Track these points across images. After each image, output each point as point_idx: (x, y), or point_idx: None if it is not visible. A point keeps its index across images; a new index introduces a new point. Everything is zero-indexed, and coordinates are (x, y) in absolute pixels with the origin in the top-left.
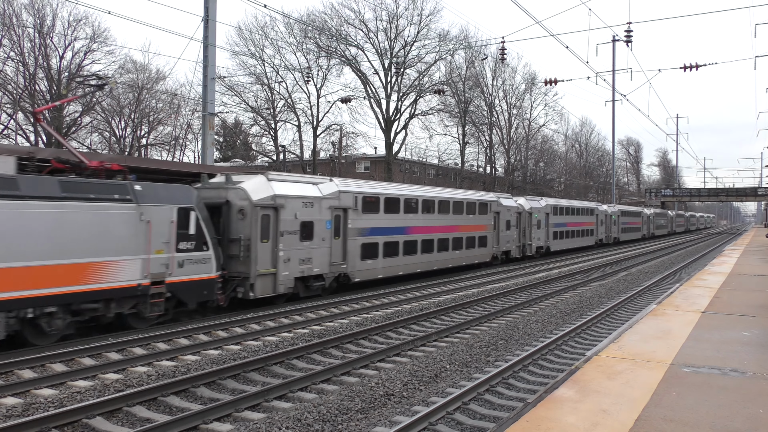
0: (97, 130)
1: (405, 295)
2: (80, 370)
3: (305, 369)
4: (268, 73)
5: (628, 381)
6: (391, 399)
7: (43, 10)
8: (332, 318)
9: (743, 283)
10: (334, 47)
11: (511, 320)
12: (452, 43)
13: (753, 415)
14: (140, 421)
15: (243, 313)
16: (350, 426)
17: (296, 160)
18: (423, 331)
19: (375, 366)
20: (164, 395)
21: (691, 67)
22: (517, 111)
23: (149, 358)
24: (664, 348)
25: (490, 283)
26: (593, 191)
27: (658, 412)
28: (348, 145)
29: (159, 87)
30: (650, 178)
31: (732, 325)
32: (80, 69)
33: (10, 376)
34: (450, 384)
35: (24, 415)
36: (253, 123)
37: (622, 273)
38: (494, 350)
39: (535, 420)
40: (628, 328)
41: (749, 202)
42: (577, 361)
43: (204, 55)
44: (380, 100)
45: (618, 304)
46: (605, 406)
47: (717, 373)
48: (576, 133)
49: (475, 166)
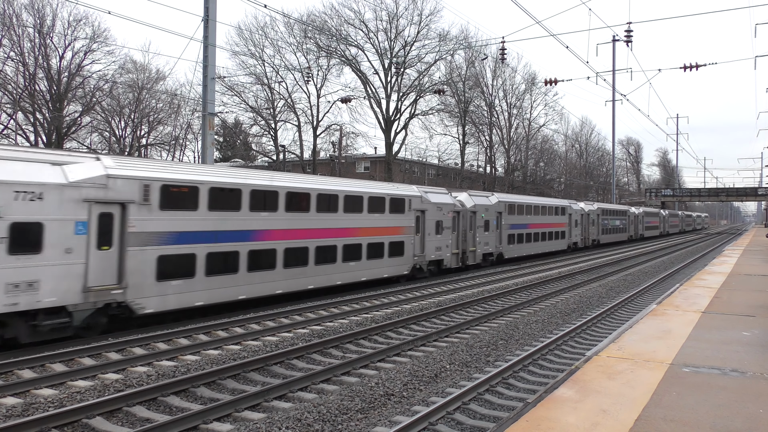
0: (97, 130)
1: (405, 295)
2: (80, 370)
3: (305, 369)
4: (268, 73)
5: (628, 381)
6: (391, 399)
7: (43, 10)
8: (332, 318)
9: (743, 283)
10: (334, 47)
11: (511, 320)
12: (452, 43)
13: (753, 415)
14: (140, 421)
15: (243, 313)
16: (350, 426)
17: (296, 160)
18: (423, 331)
19: (375, 366)
20: (164, 395)
21: (691, 67)
22: (517, 111)
23: (149, 358)
24: (665, 348)
25: (490, 283)
26: (593, 191)
27: (658, 412)
28: (348, 145)
29: (159, 87)
30: (650, 178)
31: (732, 325)
32: (80, 69)
33: (10, 376)
34: (450, 384)
35: (24, 415)
36: (253, 123)
37: (622, 273)
38: (494, 350)
39: (535, 420)
40: (628, 328)
41: (749, 202)
42: (577, 361)
43: (204, 55)
44: (380, 100)
45: (618, 304)
46: (605, 406)
47: (717, 373)
48: (576, 133)
49: (475, 166)
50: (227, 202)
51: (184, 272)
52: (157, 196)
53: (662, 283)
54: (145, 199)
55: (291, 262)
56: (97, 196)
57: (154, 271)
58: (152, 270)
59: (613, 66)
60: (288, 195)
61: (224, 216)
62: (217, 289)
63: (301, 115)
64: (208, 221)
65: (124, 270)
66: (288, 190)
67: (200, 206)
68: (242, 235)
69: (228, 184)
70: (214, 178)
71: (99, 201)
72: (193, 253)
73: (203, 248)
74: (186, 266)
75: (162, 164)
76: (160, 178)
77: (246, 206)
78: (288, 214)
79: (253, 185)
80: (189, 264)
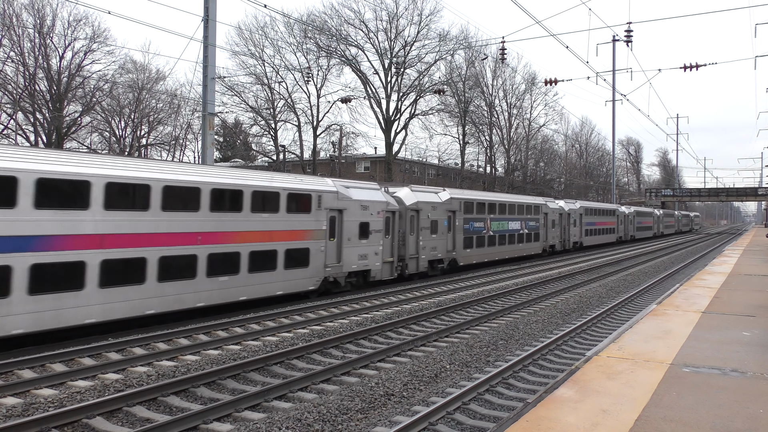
0: (97, 130)
1: (405, 295)
2: (80, 370)
3: (305, 369)
4: (268, 73)
5: (628, 381)
6: (391, 399)
7: (43, 10)
8: (332, 318)
9: (743, 283)
10: (334, 47)
11: (511, 320)
12: (452, 43)
13: (753, 415)
14: (140, 421)
15: (243, 313)
16: (350, 426)
17: (296, 160)
18: (423, 331)
19: (375, 366)
20: (164, 395)
21: (691, 67)
22: (517, 111)
23: (149, 358)
24: (665, 348)
25: (490, 283)
26: (593, 191)
27: (658, 412)
28: (348, 145)
29: (159, 87)
30: (650, 178)
31: (732, 325)
32: (80, 69)
33: (10, 376)
34: (450, 384)
35: (24, 415)
36: (253, 123)
37: (622, 273)
38: (494, 350)
39: (535, 420)
40: (628, 328)
41: (749, 202)
42: (577, 361)
43: (204, 55)
44: (380, 100)
45: (618, 304)
46: (605, 406)
47: (717, 373)
48: (576, 133)
49: (475, 166)
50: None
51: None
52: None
53: (662, 284)
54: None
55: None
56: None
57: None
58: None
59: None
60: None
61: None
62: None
63: (301, 115)
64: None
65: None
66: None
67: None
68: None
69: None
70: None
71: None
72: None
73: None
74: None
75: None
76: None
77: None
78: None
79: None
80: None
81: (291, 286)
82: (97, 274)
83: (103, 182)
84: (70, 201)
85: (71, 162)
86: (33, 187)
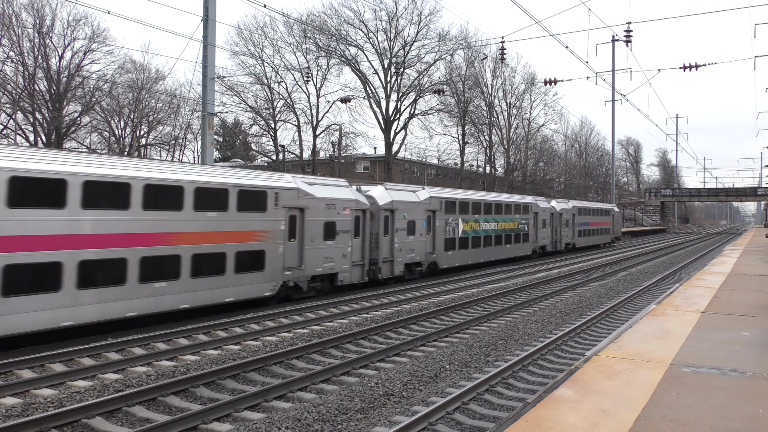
0: (96, 130)
1: (405, 295)
2: (80, 370)
3: (305, 369)
4: (267, 73)
5: (627, 381)
6: (391, 399)
7: (42, 10)
8: (332, 318)
9: (743, 283)
10: (334, 47)
11: (510, 320)
12: (452, 43)
13: (753, 415)
14: (140, 421)
15: (243, 313)
16: (350, 426)
17: (296, 160)
18: (422, 331)
19: (374, 366)
20: (164, 395)
21: (691, 67)
22: (517, 111)
23: (149, 358)
24: (664, 348)
25: (490, 283)
26: (593, 191)
27: (657, 412)
28: (348, 145)
29: (158, 87)
30: (650, 178)
31: (732, 325)
32: (80, 69)
33: (10, 376)
34: (450, 384)
35: (23, 415)
36: (253, 123)
37: (622, 273)
38: (494, 350)
39: (534, 420)
40: (627, 328)
41: (749, 202)
42: (577, 361)
43: (203, 55)
44: (380, 100)
45: (618, 304)
46: (605, 406)
47: (717, 373)
48: (576, 133)
49: (474, 166)
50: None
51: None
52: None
53: (662, 283)
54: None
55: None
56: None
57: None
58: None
59: (613, 66)
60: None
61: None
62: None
63: (300, 115)
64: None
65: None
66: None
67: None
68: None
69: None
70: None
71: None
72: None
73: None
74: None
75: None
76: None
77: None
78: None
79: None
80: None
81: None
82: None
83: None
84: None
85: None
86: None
